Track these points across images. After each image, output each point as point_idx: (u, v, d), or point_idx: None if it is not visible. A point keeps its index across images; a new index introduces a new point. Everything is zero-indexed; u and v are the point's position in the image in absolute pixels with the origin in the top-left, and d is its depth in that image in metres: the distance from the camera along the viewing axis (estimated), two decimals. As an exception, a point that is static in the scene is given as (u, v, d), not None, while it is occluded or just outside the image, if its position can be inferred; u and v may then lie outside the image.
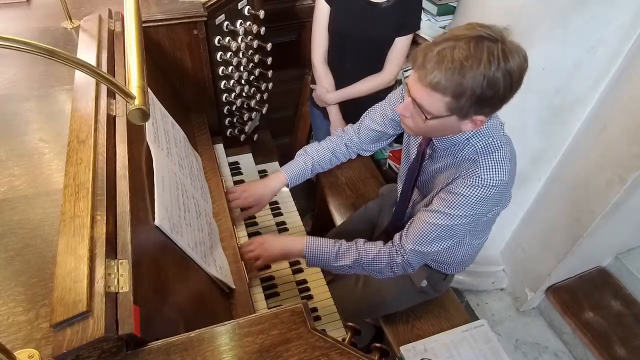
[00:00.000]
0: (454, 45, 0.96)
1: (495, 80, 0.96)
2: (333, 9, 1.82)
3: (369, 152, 1.53)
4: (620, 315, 2.08)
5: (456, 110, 1.02)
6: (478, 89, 0.96)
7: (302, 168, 1.46)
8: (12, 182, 0.88)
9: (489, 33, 0.96)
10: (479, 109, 1.02)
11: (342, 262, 1.26)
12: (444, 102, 1.01)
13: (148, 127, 1.05)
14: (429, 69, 0.98)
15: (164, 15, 1.33)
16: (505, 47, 0.95)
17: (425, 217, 1.19)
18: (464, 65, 0.94)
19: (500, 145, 1.12)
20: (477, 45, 0.95)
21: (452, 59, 0.95)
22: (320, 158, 1.48)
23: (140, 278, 0.73)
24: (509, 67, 0.95)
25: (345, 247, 1.27)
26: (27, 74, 1.17)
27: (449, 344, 1.53)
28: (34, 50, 0.58)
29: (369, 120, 1.45)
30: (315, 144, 1.51)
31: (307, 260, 1.29)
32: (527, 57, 1.00)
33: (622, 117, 1.62)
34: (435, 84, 0.98)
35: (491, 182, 1.09)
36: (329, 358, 0.71)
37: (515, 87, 1.01)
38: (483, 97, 0.98)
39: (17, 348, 0.64)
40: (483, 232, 1.36)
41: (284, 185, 1.45)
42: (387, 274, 1.27)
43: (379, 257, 1.24)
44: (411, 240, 1.21)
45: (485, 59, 0.94)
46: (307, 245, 1.28)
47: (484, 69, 0.94)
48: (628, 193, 1.67)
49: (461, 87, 0.96)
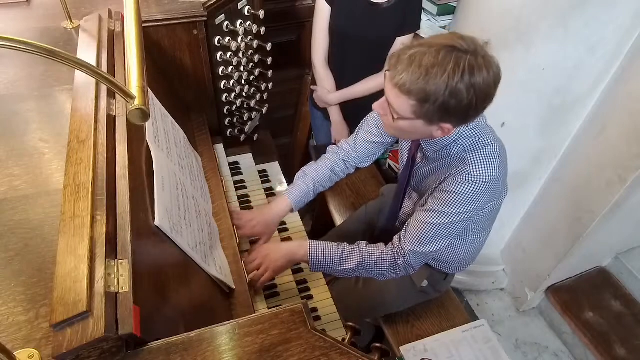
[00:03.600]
0: (425, 52, 0.98)
1: (457, 91, 0.97)
2: (333, 10, 1.82)
3: (368, 164, 1.52)
4: (620, 315, 2.08)
5: (421, 115, 1.04)
6: (440, 97, 0.98)
7: (305, 190, 1.44)
8: (12, 182, 0.88)
9: (462, 45, 0.97)
10: (444, 117, 1.04)
11: (346, 265, 1.25)
12: (410, 105, 1.03)
13: (148, 127, 1.05)
14: (399, 71, 1.00)
15: (164, 15, 1.33)
16: (474, 61, 0.96)
17: (421, 217, 1.20)
18: (430, 72, 0.96)
19: (488, 142, 1.14)
20: (447, 55, 0.96)
21: (420, 64, 0.97)
22: (320, 178, 1.46)
23: (140, 278, 0.73)
24: (473, 81, 0.96)
25: (348, 251, 1.26)
26: (27, 74, 1.17)
27: (449, 344, 1.53)
28: (34, 50, 0.58)
29: (365, 133, 1.44)
30: (312, 164, 1.50)
31: (311, 265, 1.27)
32: (498, 74, 1.01)
33: (622, 117, 1.62)
34: (401, 85, 1.01)
35: (481, 178, 1.11)
36: (329, 358, 0.71)
37: (482, 101, 1.01)
38: (446, 106, 0.99)
39: (17, 348, 0.64)
40: (483, 229, 1.37)
41: (289, 211, 1.43)
42: (390, 275, 1.27)
43: (382, 259, 1.24)
44: (409, 241, 1.21)
45: (451, 69, 0.95)
46: (311, 250, 1.26)
47: (447, 78, 0.96)
48: (628, 193, 1.67)
49: (424, 93, 0.98)
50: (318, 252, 1.26)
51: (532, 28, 1.53)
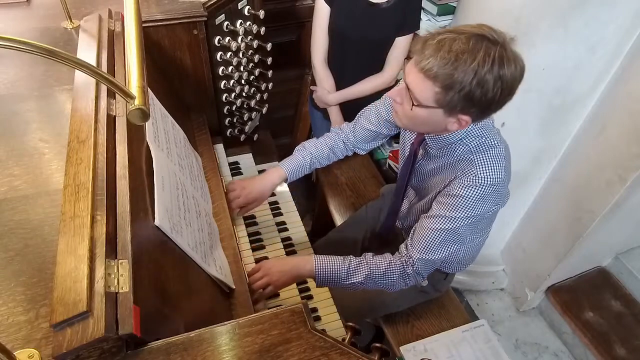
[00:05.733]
0: (455, 38, 0.96)
1: (484, 81, 0.95)
2: (333, 10, 1.82)
3: (365, 150, 1.53)
4: (620, 315, 2.08)
5: (444, 104, 1.02)
6: (467, 86, 0.96)
7: (301, 163, 1.45)
8: (12, 182, 0.88)
9: (492, 35, 0.96)
10: (466, 108, 1.02)
11: (354, 279, 1.21)
12: (434, 92, 1.01)
13: (148, 127, 1.05)
14: (426, 55, 0.98)
15: (164, 15, 1.33)
16: (503, 52, 0.95)
17: (427, 223, 1.18)
18: (459, 57, 0.95)
19: (494, 143, 1.12)
20: (477, 43, 0.95)
21: (449, 50, 0.95)
22: (319, 154, 1.48)
23: (140, 278, 0.73)
24: (501, 73, 0.95)
25: (355, 264, 1.22)
26: (27, 74, 1.17)
27: (449, 344, 1.53)
28: (34, 50, 0.58)
29: (364, 120, 1.45)
30: (313, 140, 1.51)
31: (317, 281, 1.23)
32: (524, 69, 1.00)
33: (622, 117, 1.62)
34: (427, 69, 0.98)
35: (488, 181, 1.09)
36: (329, 358, 0.71)
37: (506, 95, 1.00)
38: (471, 95, 0.98)
39: (17, 348, 0.65)
40: (484, 230, 1.36)
41: (283, 180, 1.44)
42: (400, 286, 1.24)
43: (390, 270, 1.21)
44: (417, 249, 1.19)
45: (481, 57, 0.94)
46: (317, 266, 1.21)
47: (477, 66, 0.94)
48: (628, 193, 1.67)
49: (451, 79, 0.96)
50: (324, 267, 1.22)
51: (532, 28, 1.53)
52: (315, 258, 1.23)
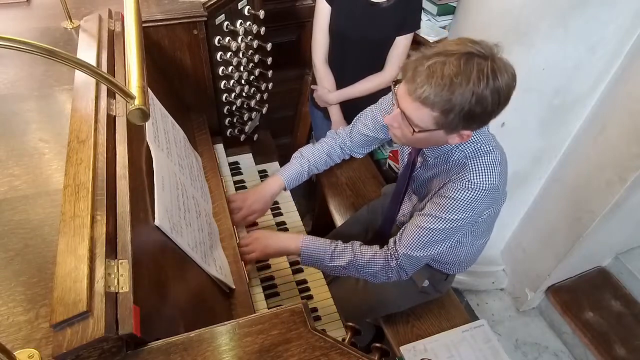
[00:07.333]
0: (445, 61, 0.96)
1: (483, 98, 0.96)
2: (333, 9, 1.82)
3: (362, 154, 1.55)
4: (620, 315, 2.08)
5: (444, 125, 1.03)
6: (466, 106, 0.97)
7: (299, 171, 1.46)
8: (12, 182, 0.88)
9: (479, 50, 0.96)
10: (467, 125, 1.03)
11: (337, 262, 1.25)
12: (432, 116, 1.01)
13: (148, 127, 1.05)
14: (419, 83, 0.98)
15: (164, 15, 1.33)
16: (494, 65, 0.96)
17: (417, 221, 1.20)
18: (454, 81, 0.95)
19: (490, 149, 1.13)
20: (467, 62, 0.95)
21: (442, 75, 0.95)
22: (316, 160, 1.49)
23: (140, 278, 0.73)
24: (497, 85, 0.96)
25: (341, 248, 1.26)
26: (27, 74, 1.17)
27: (449, 344, 1.53)
28: (34, 50, 0.58)
29: (361, 125, 1.46)
30: (310, 146, 1.52)
31: (302, 259, 1.28)
32: (515, 75, 1.00)
33: (622, 117, 1.62)
34: (424, 98, 0.98)
35: (481, 186, 1.10)
36: (329, 358, 0.71)
37: (503, 104, 1.01)
38: (471, 114, 0.98)
39: (17, 348, 0.64)
40: (485, 232, 1.37)
41: (282, 189, 1.46)
42: (382, 278, 1.26)
43: (374, 261, 1.23)
44: (404, 245, 1.21)
45: (475, 76, 0.94)
46: (303, 244, 1.27)
47: (473, 86, 0.94)
48: (628, 193, 1.67)
49: (450, 103, 0.97)
50: (310, 247, 1.26)
51: (532, 28, 1.53)
52: (303, 237, 1.28)
